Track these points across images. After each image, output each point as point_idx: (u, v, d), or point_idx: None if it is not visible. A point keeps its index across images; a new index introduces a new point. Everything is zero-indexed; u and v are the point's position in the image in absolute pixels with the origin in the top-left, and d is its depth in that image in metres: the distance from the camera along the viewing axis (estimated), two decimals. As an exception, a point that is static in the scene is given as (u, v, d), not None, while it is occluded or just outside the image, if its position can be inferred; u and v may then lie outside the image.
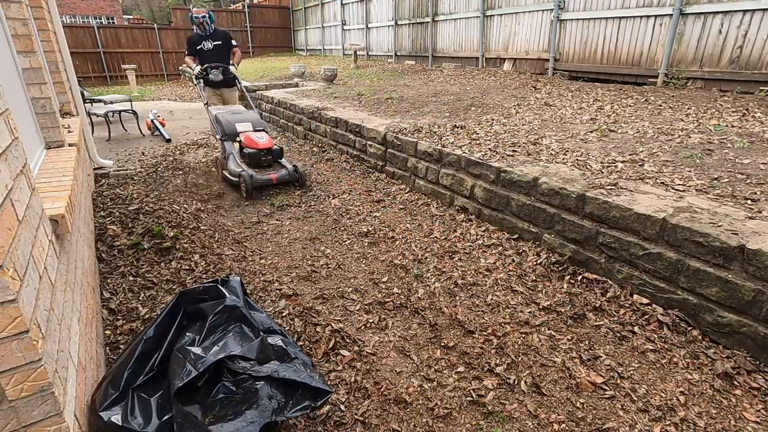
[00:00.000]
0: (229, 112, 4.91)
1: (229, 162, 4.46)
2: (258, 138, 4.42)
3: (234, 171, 4.30)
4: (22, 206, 1.14)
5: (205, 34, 5.59)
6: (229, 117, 4.77)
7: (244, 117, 4.83)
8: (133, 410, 1.38)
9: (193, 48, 5.65)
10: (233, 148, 4.60)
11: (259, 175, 4.20)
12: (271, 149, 4.44)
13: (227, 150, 4.57)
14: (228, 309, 1.65)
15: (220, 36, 5.72)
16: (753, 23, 5.01)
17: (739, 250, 2.01)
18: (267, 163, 4.48)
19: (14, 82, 2.50)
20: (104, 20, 27.04)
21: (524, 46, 8.33)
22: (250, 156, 4.36)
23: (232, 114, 4.85)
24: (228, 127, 4.64)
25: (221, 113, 4.86)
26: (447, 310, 2.48)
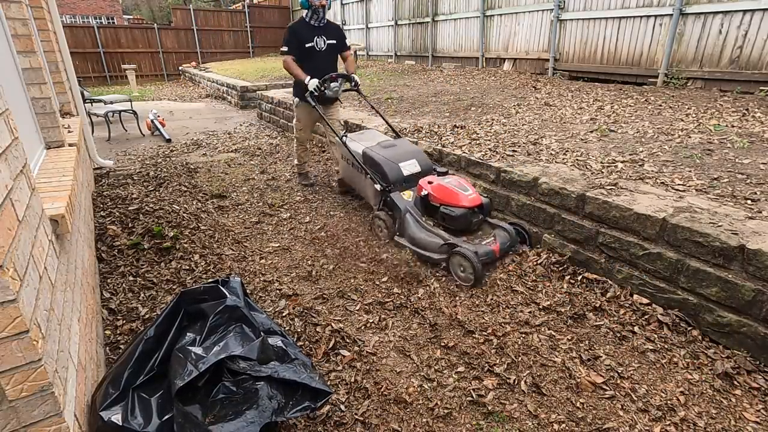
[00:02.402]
0: (378, 145, 3.47)
1: (409, 227, 3.04)
2: (460, 190, 2.95)
3: (427, 242, 2.91)
4: (22, 206, 1.14)
5: (319, 24, 3.91)
6: (385, 153, 3.36)
7: (403, 152, 3.42)
8: (134, 410, 1.38)
9: (298, 45, 3.84)
10: (408, 203, 3.15)
11: (478, 247, 2.76)
12: (482, 205, 2.95)
13: (401, 207, 3.12)
14: (229, 309, 1.65)
15: (334, 31, 4.03)
16: (753, 23, 5.01)
17: (739, 250, 2.01)
18: (476, 226, 3.00)
19: (14, 82, 2.50)
20: (104, 20, 27.04)
21: (524, 46, 8.33)
22: (455, 219, 2.89)
23: (386, 148, 3.42)
24: (391, 170, 3.26)
25: (371, 149, 3.43)
26: (447, 310, 2.48)
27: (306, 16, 3.89)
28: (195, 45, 17.88)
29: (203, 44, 18.09)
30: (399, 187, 3.26)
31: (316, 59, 3.90)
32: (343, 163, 3.91)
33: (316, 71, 3.77)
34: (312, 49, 3.89)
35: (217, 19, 18.60)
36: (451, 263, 2.77)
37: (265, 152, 5.97)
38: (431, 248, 2.90)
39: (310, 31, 3.88)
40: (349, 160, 3.69)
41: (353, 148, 3.53)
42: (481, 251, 2.71)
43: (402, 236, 3.13)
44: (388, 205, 3.26)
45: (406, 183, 3.29)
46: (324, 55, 3.96)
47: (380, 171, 3.30)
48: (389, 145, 3.48)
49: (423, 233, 2.98)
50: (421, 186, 3.11)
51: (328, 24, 3.97)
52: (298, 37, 3.84)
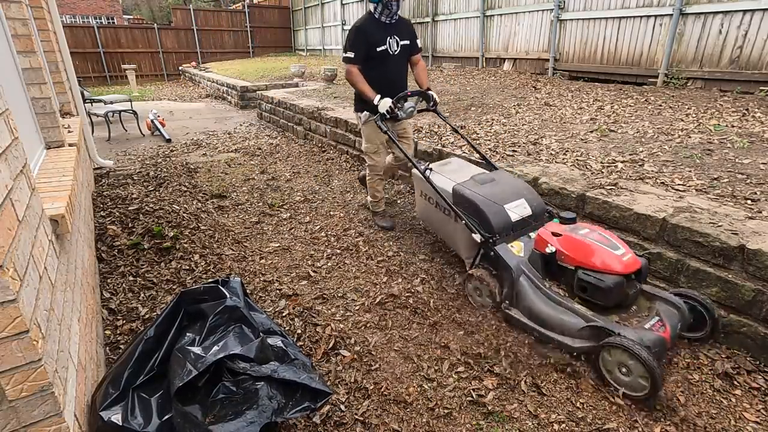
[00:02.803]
0: (472, 180, 2.67)
1: (526, 294, 2.24)
2: (608, 247, 2.07)
3: (558, 321, 2.08)
4: (22, 206, 1.14)
5: (390, 21, 3.09)
6: (484, 191, 2.53)
7: (507, 189, 2.62)
8: (134, 410, 1.38)
9: (365, 48, 3.03)
10: (515, 258, 2.34)
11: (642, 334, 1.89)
12: (640, 270, 2.07)
13: (512, 266, 2.30)
14: (228, 309, 1.65)
15: (406, 28, 3.21)
16: (753, 23, 5.01)
17: (739, 250, 2.01)
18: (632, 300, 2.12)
19: (14, 82, 2.50)
20: (104, 20, 27.04)
21: (524, 46, 8.32)
22: (602, 291, 2.00)
23: (482, 184, 2.61)
24: (497, 215, 2.45)
25: (465, 185, 2.61)
26: (447, 311, 2.48)
27: (375, 11, 3.03)
28: (195, 45, 17.89)
29: (203, 44, 18.10)
30: (506, 237, 2.45)
31: (388, 66, 3.11)
32: (421, 200, 3.03)
33: (388, 82, 3.05)
34: (384, 53, 3.06)
35: (217, 19, 18.61)
36: (604, 359, 1.93)
37: (265, 152, 5.97)
38: (565, 330, 2.05)
39: (382, 31, 3.04)
40: (431, 198, 2.87)
41: (440, 185, 2.68)
42: (649, 341, 1.84)
43: (514, 306, 2.30)
44: (492, 262, 2.42)
45: (515, 233, 2.49)
46: (397, 60, 3.16)
47: (480, 216, 2.47)
48: (487, 180, 2.65)
49: (550, 307, 2.14)
50: (543, 239, 2.23)
51: (400, 20, 3.14)
52: (368, 38, 3.00)
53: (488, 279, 2.42)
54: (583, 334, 1.99)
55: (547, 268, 2.27)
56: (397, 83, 3.14)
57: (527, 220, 2.52)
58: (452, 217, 2.69)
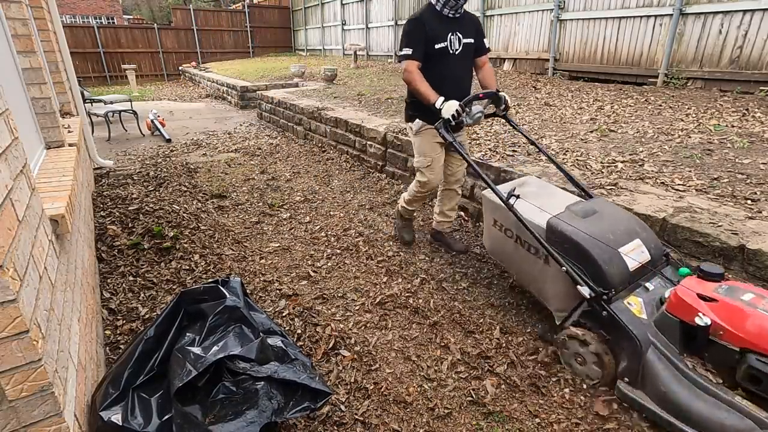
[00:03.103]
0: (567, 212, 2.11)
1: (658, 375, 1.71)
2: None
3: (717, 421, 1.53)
4: (22, 206, 1.14)
5: (454, 14, 2.61)
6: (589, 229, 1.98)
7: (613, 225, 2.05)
8: (134, 410, 1.38)
9: (422, 44, 2.57)
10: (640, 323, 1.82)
11: None
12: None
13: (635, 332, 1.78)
14: (228, 309, 1.65)
15: (471, 25, 2.73)
16: (753, 23, 5.01)
17: (739, 250, 2.02)
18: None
19: (14, 82, 2.50)
20: (104, 20, 27.04)
21: (524, 46, 8.33)
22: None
23: (583, 218, 2.06)
24: (611, 262, 1.91)
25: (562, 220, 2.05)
26: (447, 311, 2.49)
27: (437, 2, 2.58)
28: (195, 45, 17.90)
29: (203, 44, 18.11)
30: (621, 292, 1.91)
31: (447, 67, 2.63)
32: (494, 231, 2.46)
33: (449, 85, 2.58)
34: (444, 51, 2.60)
35: (217, 19, 18.61)
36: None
37: (265, 152, 5.97)
38: None
39: (444, 25, 2.59)
40: (511, 231, 2.32)
41: (530, 218, 2.14)
42: None
43: (638, 387, 1.77)
44: (603, 324, 1.88)
45: (631, 284, 1.95)
46: (458, 60, 2.67)
47: (588, 262, 1.92)
48: (589, 213, 2.10)
49: (697, 397, 1.60)
50: (689, 304, 1.68)
51: (465, 14, 2.69)
52: (427, 33, 2.54)
53: (598, 346, 1.87)
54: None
55: (688, 341, 1.70)
56: (458, 88, 2.64)
57: (645, 266, 1.98)
58: (542, 257, 2.13)
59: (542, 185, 2.49)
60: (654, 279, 1.97)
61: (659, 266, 2.04)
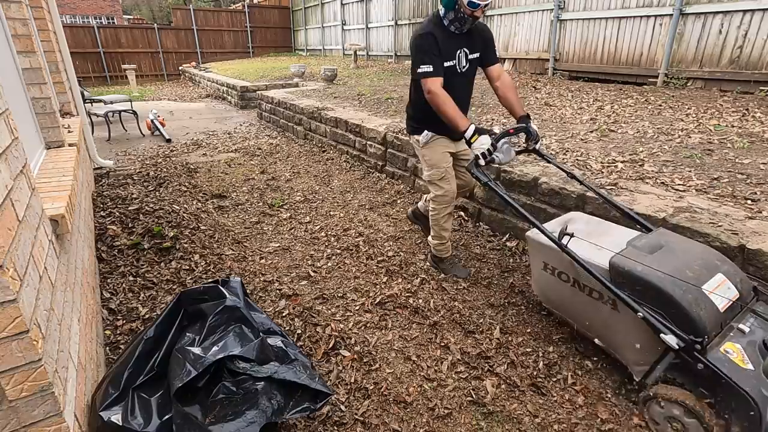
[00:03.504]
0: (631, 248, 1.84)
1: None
2: None
3: None
4: (22, 206, 1.14)
5: (461, 31, 2.43)
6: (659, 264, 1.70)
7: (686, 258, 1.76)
8: (134, 410, 1.38)
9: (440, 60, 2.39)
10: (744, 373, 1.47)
11: None
12: None
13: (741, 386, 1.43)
14: (228, 309, 1.65)
15: (479, 37, 2.54)
16: (753, 23, 5.01)
17: (739, 250, 2.01)
18: None
19: (14, 82, 2.50)
20: (104, 20, 27.03)
21: (524, 46, 8.33)
22: None
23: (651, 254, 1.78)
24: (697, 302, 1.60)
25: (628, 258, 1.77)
26: (447, 311, 2.49)
27: (445, 18, 2.41)
28: (195, 45, 17.90)
29: (203, 44, 18.11)
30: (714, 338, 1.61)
31: (453, 86, 2.43)
32: (545, 276, 2.15)
33: None
34: (453, 70, 2.46)
35: (217, 19, 18.61)
36: None
37: (265, 152, 5.97)
38: None
39: (452, 41, 2.43)
40: (566, 275, 2.03)
41: (588, 258, 1.85)
42: None
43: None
44: (699, 379, 1.56)
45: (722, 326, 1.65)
46: (464, 79, 2.54)
47: (669, 305, 1.62)
48: (654, 247, 1.82)
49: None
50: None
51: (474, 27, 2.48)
52: (440, 48, 2.38)
53: (700, 408, 1.53)
54: None
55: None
56: (462, 107, 2.46)
57: (735, 304, 1.68)
58: (609, 303, 1.84)
59: (592, 220, 2.24)
60: (747, 319, 1.66)
61: (750, 303, 1.74)
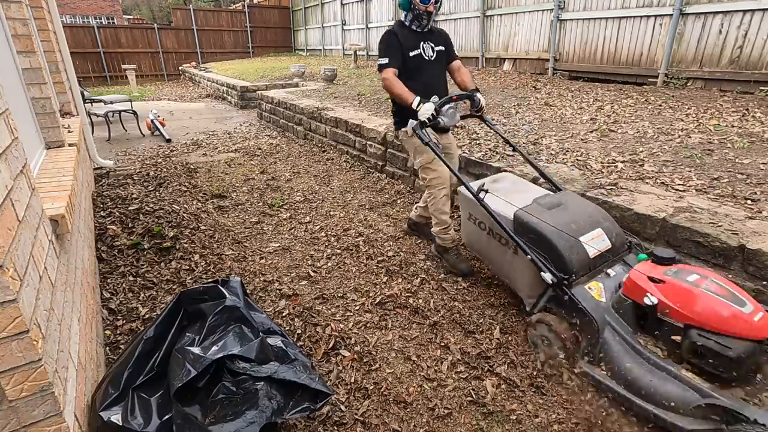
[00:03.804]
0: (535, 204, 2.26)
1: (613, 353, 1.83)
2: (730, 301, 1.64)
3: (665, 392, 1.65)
4: (22, 206, 1.14)
5: (422, 29, 2.90)
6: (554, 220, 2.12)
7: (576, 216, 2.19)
8: (134, 410, 1.38)
9: (399, 55, 2.79)
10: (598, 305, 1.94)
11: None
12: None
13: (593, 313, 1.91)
14: (228, 309, 1.65)
15: (442, 36, 3.04)
16: (753, 23, 5.01)
17: (739, 250, 2.01)
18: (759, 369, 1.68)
19: (14, 82, 2.50)
20: (104, 20, 27.02)
21: (524, 46, 8.32)
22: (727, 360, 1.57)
23: (549, 209, 2.21)
24: (572, 250, 2.04)
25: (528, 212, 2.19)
26: (447, 311, 2.49)
27: (406, 19, 2.89)
28: (195, 45, 17.90)
29: (203, 44, 18.10)
30: (582, 277, 2.03)
31: (425, 72, 2.87)
32: (469, 225, 2.62)
33: (426, 88, 2.73)
34: (419, 58, 2.84)
35: (217, 19, 18.61)
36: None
37: (265, 152, 5.97)
38: (672, 405, 1.61)
39: (414, 37, 2.87)
40: (483, 224, 2.48)
41: (497, 209, 2.27)
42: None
43: (596, 365, 1.88)
44: (565, 307, 2.01)
45: (591, 271, 2.07)
46: (434, 65, 2.94)
47: (551, 250, 2.05)
48: (554, 205, 2.24)
49: (649, 372, 1.71)
50: (639, 285, 1.81)
51: (433, 28, 2.98)
52: (401, 43, 2.79)
53: (560, 327, 1.99)
54: (699, 414, 1.54)
55: (640, 321, 1.84)
56: (436, 91, 2.77)
57: (606, 254, 2.10)
58: (512, 248, 2.26)
59: (517, 182, 2.62)
60: (616, 266, 2.10)
61: (621, 254, 2.17)
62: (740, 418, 1.45)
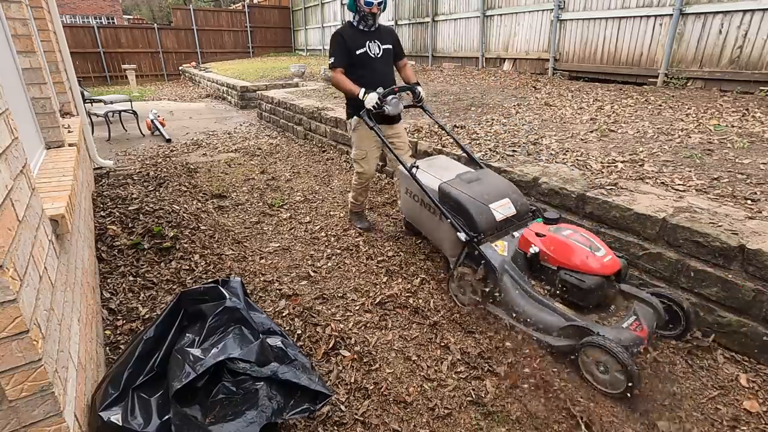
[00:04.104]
0: (458, 178, 2.72)
1: (508, 293, 2.27)
2: (588, 248, 2.13)
3: (539, 318, 2.13)
4: (22, 206, 1.14)
5: (369, 29, 3.16)
6: (470, 190, 2.58)
7: (492, 188, 2.67)
8: (133, 410, 1.38)
9: (345, 54, 3.09)
10: (506, 261, 2.35)
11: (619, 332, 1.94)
12: (620, 271, 2.14)
13: (496, 265, 2.32)
14: (228, 310, 1.65)
15: (389, 35, 3.30)
16: (753, 23, 5.01)
17: (739, 250, 2.01)
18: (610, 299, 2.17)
19: (14, 82, 2.50)
20: (104, 20, 27.01)
21: (524, 46, 8.32)
22: (582, 291, 2.05)
23: (469, 183, 2.66)
24: (480, 213, 2.49)
25: (451, 184, 2.65)
26: (447, 311, 2.48)
27: (354, 20, 3.17)
28: (195, 45, 17.89)
29: (203, 44, 18.10)
30: (490, 237, 2.49)
31: (371, 68, 3.15)
32: (407, 198, 3.07)
33: (373, 83, 3.03)
34: (365, 55, 3.12)
35: (217, 19, 18.61)
36: (583, 359, 1.96)
37: (265, 152, 5.97)
38: (546, 329, 2.09)
39: (361, 36, 3.13)
40: (417, 196, 2.92)
41: (426, 183, 2.72)
42: (627, 340, 1.88)
43: (497, 305, 2.33)
44: (476, 261, 2.43)
45: (498, 232, 2.53)
46: (381, 62, 3.21)
47: (465, 215, 2.50)
48: (473, 179, 2.70)
49: (532, 306, 2.18)
50: (527, 239, 2.29)
51: (380, 27, 3.24)
52: (347, 43, 3.08)
53: (472, 277, 2.44)
54: (564, 333, 2.04)
55: (530, 268, 2.33)
56: (384, 84, 3.08)
57: (511, 219, 2.58)
58: (438, 215, 2.69)
59: (449, 162, 3.10)
60: (521, 229, 2.47)
61: (526, 219, 2.63)
62: (590, 333, 1.93)
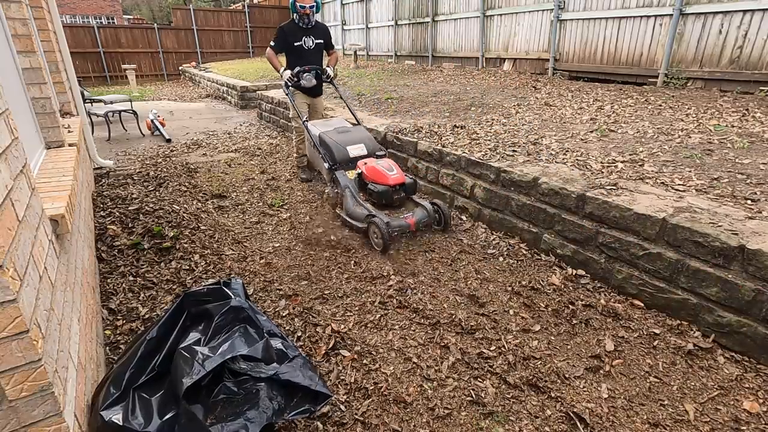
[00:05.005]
0: (334, 130, 3.94)
1: (347, 200, 3.49)
2: (386, 170, 3.35)
3: (357, 213, 3.35)
4: (22, 206, 1.14)
5: (307, 27, 4.35)
6: (337, 138, 3.82)
7: (354, 137, 3.89)
8: (134, 410, 1.38)
9: (285, 43, 4.35)
10: (348, 181, 3.58)
11: (393, 220, 3.14)
12: (404, 184, 3.37)
13: (342, 183, 3.57)
14: (234, 310, 1.65)
15: (322, 33, 4.51)
16: (753, 23, 5.01)
17: (739, 250, 2.01)
18: (399, 203, 3.41)
19: (14, 82, 2.50)
20: (104, 20, 27.02)
21: (524, 46, 8.32)
22: (379, 194, 3.31)
23: (340, 133, 3.90)
24: (339, 152, 3.73)
25: (326, 133, 3.89)
26: (447, 311, 2.48)
27: (295, 19, 4.35)
28: (195, 45, 17.88)
29: (203, 44, 18.09)
30: (345, 167, 3.70)
31: (305, 57, 4.40)
32: (308, 146, 4.55)
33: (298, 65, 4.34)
34: (300, 47, 4.38)
35: (217, 19, 18.59)
36: (369, 231, 3.24)
37: (265, 152, 5.97)
38: (358, 218, 3.34)
39: (300, 32, 4.35)
40: (311, 141, 4.19)
41: (312, 132, 4.02)
42: (394, 223, 3.13)
43: (342, 209, 3.57)
44: (335, 182, 3.70)
45: (352, 164, 3.70)
46: (312, 53, 4.45)
47: (330, 152, 3.76)
48: (343, 131, 3.95)
49: (355, 206, 3.41)
50: (359, 166, 3.55)
51: (316, 25, 4.45)
52: (287, 36, 4.34)
53: (332, 193, 3.76)
54: (366, 221, 3.25)
55: (359, 185, 3.58)
56: None
57: (363, 157, 3.73)
58: (319, 152, 3.92)
59: (340, 121, 4.28)
60: None
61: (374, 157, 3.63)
62: (374, 217, 3.12)
